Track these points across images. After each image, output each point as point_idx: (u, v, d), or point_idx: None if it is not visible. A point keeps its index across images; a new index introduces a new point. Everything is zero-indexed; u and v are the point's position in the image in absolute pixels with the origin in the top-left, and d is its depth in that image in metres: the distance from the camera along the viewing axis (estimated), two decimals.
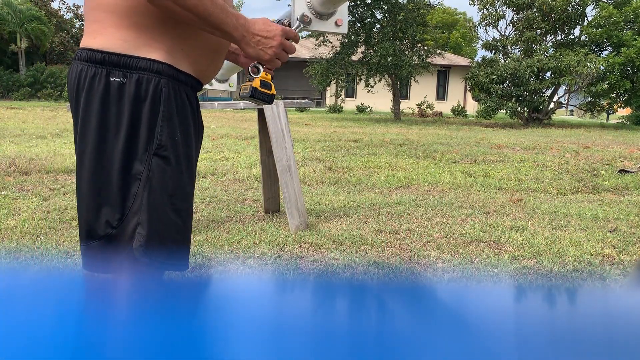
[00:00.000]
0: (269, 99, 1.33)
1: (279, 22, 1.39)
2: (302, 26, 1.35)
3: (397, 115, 18.20)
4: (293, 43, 1.21)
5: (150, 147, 1.05)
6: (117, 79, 1.03)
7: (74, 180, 4.86)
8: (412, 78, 17.49)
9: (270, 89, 1.33)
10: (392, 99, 18.77)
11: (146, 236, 1.06)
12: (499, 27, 20.43)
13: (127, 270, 1.11)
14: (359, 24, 16.73)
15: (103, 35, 1.04)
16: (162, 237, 1.07)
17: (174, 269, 1.13)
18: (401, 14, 16.21)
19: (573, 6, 16.80)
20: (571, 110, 34.44)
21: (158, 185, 1.06)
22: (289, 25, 1.36)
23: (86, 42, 1.07)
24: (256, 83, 1.32)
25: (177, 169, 1.09)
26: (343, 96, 23.89)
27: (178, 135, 1.09)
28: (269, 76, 1.33)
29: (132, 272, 1.10)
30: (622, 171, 5.51)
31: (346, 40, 16.65)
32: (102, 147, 1.06)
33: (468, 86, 18.49)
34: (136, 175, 1.06)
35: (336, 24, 1.45)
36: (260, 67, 1.29)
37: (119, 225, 1.07)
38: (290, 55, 1.23)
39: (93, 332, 0.40)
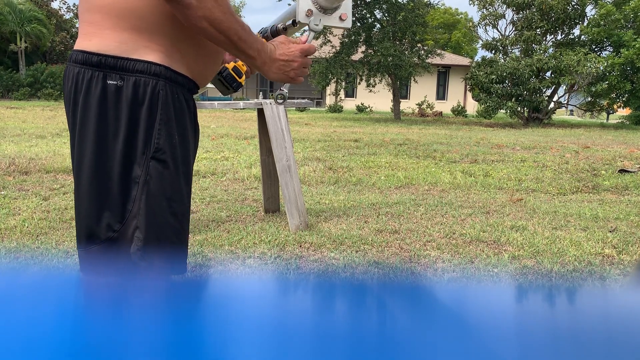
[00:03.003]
0: (235, 86, 1.33)
1: (273, 27, 1.38)
2: (314, 34, 1.35)
3: (397, 115, 18.20)
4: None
5: (148, 151, 1.05)
6: (114, 82, 1.02)
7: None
8: (412, 78, 17.48)
9: (240, 77, 1.33)
10: (392, 98, 18.76)
11: (144, 240, 1.05)
12: (498, 27, 20.43)
13: (126, 273, 1.11)
14: (359, 24, 16.72)
15: (99, 37, 1.03)
16: (160, 240, 1.07)
17: (172, 272, 1.12)
18: (401, 13, 16.19)
19: (573, 6, 16.80)
20: (571, 110, 34.44)
21: (156, 189, 1.05)
22: (284, 29, 1.35)
23: (81, 44, 1.06)
24: (230, 65, 1.32)
25: (175, 172, 1.08)
26: (342, 96, 23.87)
27: (176, 138, 1.08)
28: (245, 68, 1.34)
29: (131, 275, 1.10)
30: (622, 171, 5.51)
31: (346, 40, 16.63)
32: (102, 151, 1.05)
33: (468, 86, 18.48)
34: (135, 179, 1.05)
35: (340, 18, 1.44)
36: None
37: (120, 229, 1.06)
38: None
39: (93, 333, 0.40)
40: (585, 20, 17.52)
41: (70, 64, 1.07)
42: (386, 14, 16.71)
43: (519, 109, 17.17)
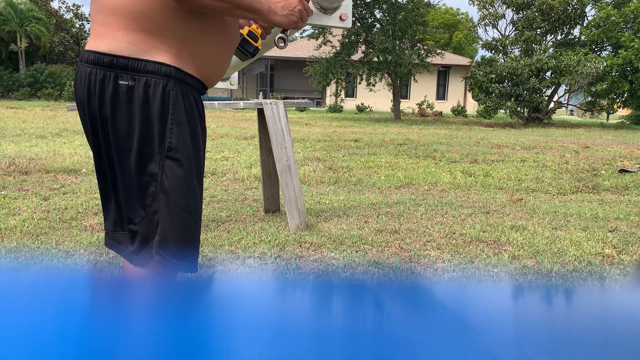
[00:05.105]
0: (253, 51, 1.32)
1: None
2: None
3: (397, 114, 18.19)
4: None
5: (162, 150, 1.07)
6: (126, 82, 1.04)
7: (74, 180, 4.81)
8: (412, 77, 17.47)
9: (256, 41, 1.32)
10: (392, 98, 18.75)
11: (160, 235, 1.09)
12: (498, 27, 20.42)
13: (139, 269, 1.15)
14: (359, 24, 16.72)
15: (111, 39, 1.05)
16: (175, 237, 1.10)
17: (184, 270, 1.14)
18: (401, 13, 16.19)
19: (573, 6, 16.79)
20: (571, 110, 34.45)
21: (171, 187, 1.08)
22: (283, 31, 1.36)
23: (93, 44, 1.07)
24: (245, 31, 1.31)
25: (189, 170, 1.11)
26: (343, 96, 23.86)
27: (188, 138, 1.10)
28: (260, 30, 1.32)
29: (142, 272, 1.14)
30: (622, 171, 5.51)
31: (346, 40, 16.62)
32: (118, 149, 1.08)
33: (467, 86, 18.47)
34: (152, 176, 1.08)
35: (340, 18, 1.45)
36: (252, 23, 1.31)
37: (140, 222, 1.10)
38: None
39: (94, 332, 0.40)
40: (585, 20, 17.51)
41: (82, 64, 1.10)
42: (386, 14, 16.70)
43: (518, 109, 17.17)
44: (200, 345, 0.38)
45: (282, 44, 1.32)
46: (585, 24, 17.42)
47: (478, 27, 19.36)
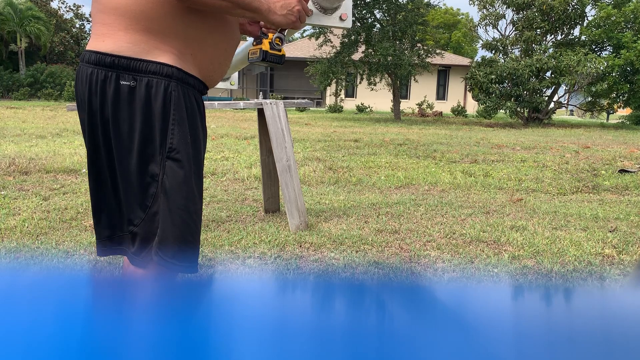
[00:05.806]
0: (280, 60, 1.34)
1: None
2: None
3: (397, 115, 18.18)
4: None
5: (164, 150, 1.07)
6: (127, 83, 1.04)
7: (74, 180, 4.80)
8: (412, 77, 17.47)
9: (280, 50, 1.33)
10: (392, 98, 18.75)
11: (160, 236, 1.08)
12: (498, 27, 20.42)
13: (139, 269, 1.14)
14: (359, 24, 16.71)
15: (112, 39, 1.05)
16: (175, 238, 1.09)
17: (184, 270, 1.14)
18: (401, 13, 16.18)
19: (573, 6, 16.79)
20: (571, 110, 34.45)
21: (171, 187, 1.08)
22: (281, 31, 1.37)
23: (94, 44, 1.07)
24: (265, 46, 1.32)
25: (189, 171, 1.10)
26: (343, 96, 23.84)
27: (189, 138, 1.10)
28: (278, 39, 1.34)
29: (142, 272, 1.13)
30: (622, 171, 5.51)
31: (346, 40, 16.62)
32: (119, 150, 1.07)
33: (468, 86, 18.46)
34: (152, 177, 1.08)
35: (340, 18, 1.45)
36: (268, 32, 1.32)
37: (140, 224, 1.10)
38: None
39: (94, 332, 0.40)
40: (585, 20, 17.51)
41: (83, 64, 1.09)
42: (386, 14, 16.70)
43: (518, 109, 17.16)
44: (200, 346, 0.38)
45: (280, 44, 1.33)
46: (585, 24, 17.41)
47: (478, 27, 19.36)
